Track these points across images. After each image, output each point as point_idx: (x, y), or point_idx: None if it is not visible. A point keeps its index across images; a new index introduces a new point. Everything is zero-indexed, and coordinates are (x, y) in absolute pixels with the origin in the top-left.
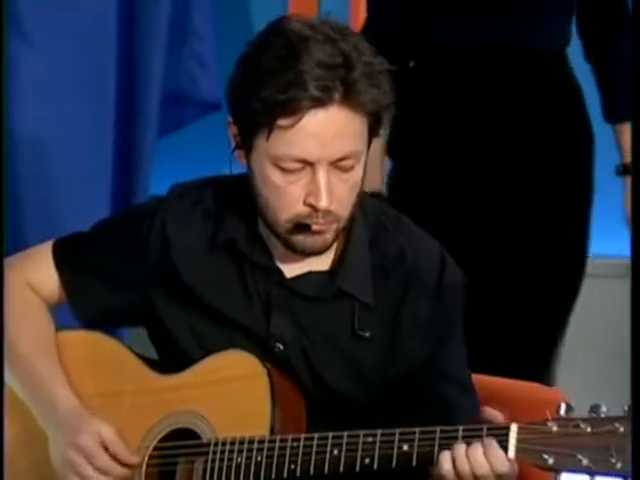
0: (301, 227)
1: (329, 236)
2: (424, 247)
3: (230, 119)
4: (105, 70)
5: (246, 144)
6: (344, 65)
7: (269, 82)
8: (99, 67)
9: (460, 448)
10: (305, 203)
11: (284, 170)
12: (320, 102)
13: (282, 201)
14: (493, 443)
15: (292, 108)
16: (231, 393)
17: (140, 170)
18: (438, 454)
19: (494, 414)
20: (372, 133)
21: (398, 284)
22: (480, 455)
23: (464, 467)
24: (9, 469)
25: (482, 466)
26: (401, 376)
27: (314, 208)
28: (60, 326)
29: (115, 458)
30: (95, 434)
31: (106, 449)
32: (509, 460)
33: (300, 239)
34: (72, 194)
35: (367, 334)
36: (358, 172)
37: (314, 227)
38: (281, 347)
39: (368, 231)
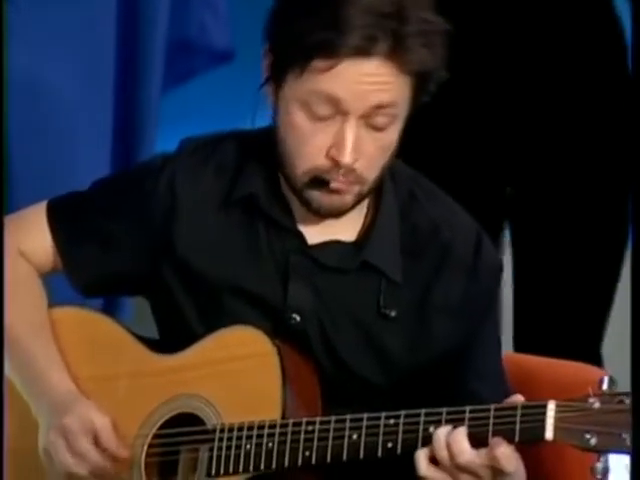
0: (319, 182)
1: (349, 198)
2: (459, 222)
3: (266, 46)
4: (104, 14)
5: (277, 78)
6: (397, 16)
7: (310, 17)
8: (97, 11)
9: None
10: (327, 155)
11: (311, 114)
12: (362, 51)
13: (303, 149)
14: (500, 440)
15: (329, 52)
16: (238, 374)
17: (143, 128)
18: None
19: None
20: (415, 98)
21: (430, 261)
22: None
23: (443, 454)
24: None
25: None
26: (427, 362)
27: (336, 162)
28: (52, 296)
29: (103, 451)
30: (84, 418)
31: (95, 439)
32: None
33: (316, 195)
34: (68, 152)
35: (393, 313)
36: (392, 134)
37: (332, 184)
38: (298, 319)
39: (399, 201)
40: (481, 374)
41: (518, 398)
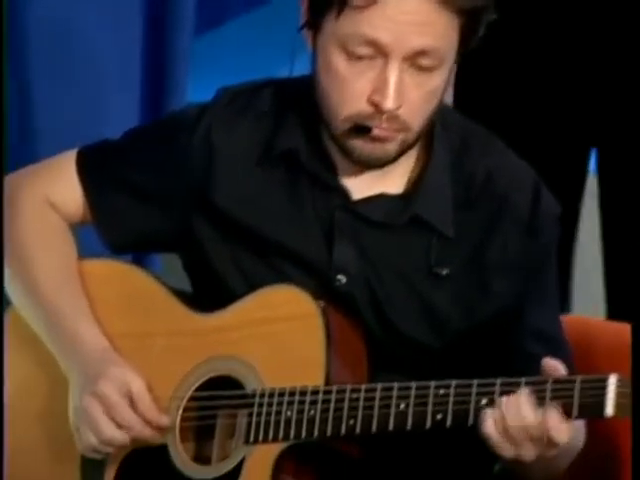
0: (360, 129)
1: (392, 147)
2: (516, 172)
3: None
4: None
5: (315, 22)
6: None
7: None
8: None
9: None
10: (369, 101)
11: (351, 55)
12: None
13: (343, 94)
14: (555, 410)
15: None
16: (279, 335)
17: (174, 75)
18: None
19: (553, 366)
20: (464, 41)
21: (484, 214)
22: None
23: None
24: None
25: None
26: (481, 323)
27: (378, 108)
28: (81, 250)
29: (142, 418)
30: (121, 383)
31: (132, 405)
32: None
33: (357, 144)
34: (96, 101)
35: (445, 272)
36: (438, 78)
37: (375, 131)
38: (343, 280)
39: (451, 150)
40: (539, 335)
41: (550, 364)
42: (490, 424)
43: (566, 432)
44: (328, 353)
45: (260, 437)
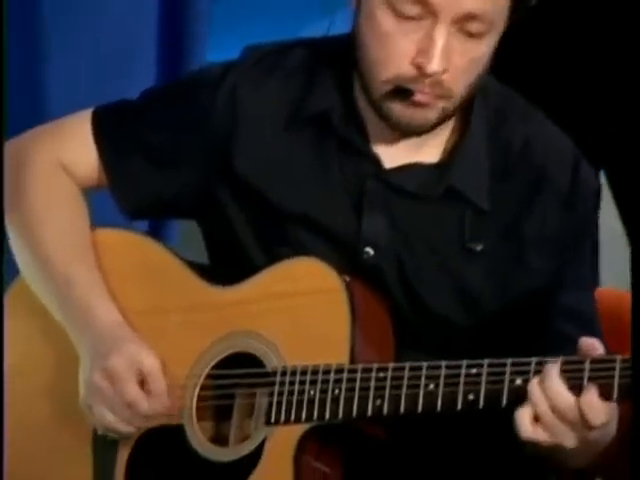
0: (401, 92)
1: (432, 114)
2: (555, 143)
3: None
4: None
5: None
6: None
7: None
8: None
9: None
10: (413, 62)
11: (399, 14)
12: None
13: (386, 54)
14: (592, 390)
15: None
16: (302, 310)
17: (192, 35)
18: None
19: (591, 345)
20: (514, 8)
21: (521, 186)
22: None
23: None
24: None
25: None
26: (515, 301)
27: (422, 71)
28: (94, 219)
29: (152, 397)
30: (133, 360)
31: (142, 383)
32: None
33: (397, 108)
34: (110, 62)
35: (479, 247)
36: (485, 47)
37: (417, 96)
38: (371, 252)
39: (488, 120)
40: (574, 314)
41: (587, 343)
42: (520, 415)
43: (605, 414)
44: (353, 329)
45: (282, 418)
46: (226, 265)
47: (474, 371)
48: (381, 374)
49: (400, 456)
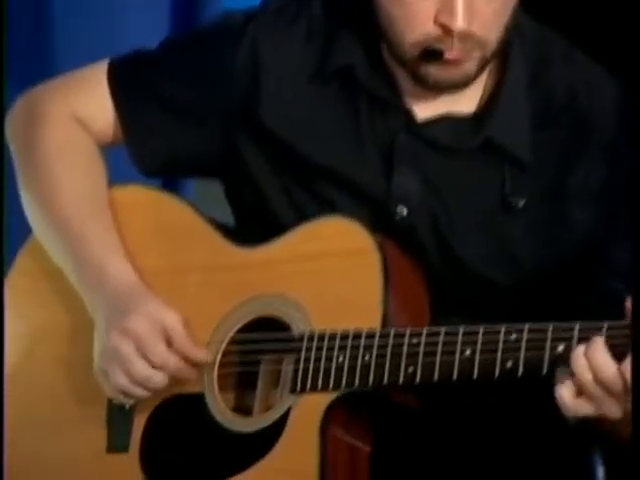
0: (431, 54)
1: (470, 67)
2: (601, 87)
3: None
4: None
5: None
6: None
7: None
8: None
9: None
10: (436, 22)
11: None
12: None
13: (408, 18)
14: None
15: None
16: (331, 272)
17: None
18: None
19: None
20: None
21: (565, 137)
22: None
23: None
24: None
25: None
26: (558, 259)
27: (446, 29)
28: (110, 178)
29: (179, 354)
30: (154, 317)
31: (168, 342)
32: None
33: (431, 70)
34: (120, 13)
35: (521, 203)
36: None
37: (447, 55)
38: (404, 212)
39: (528, 65)
40: (620, 272)
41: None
42: (561, 386)
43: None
44: (385, 292)
45: (308, 385)
46: (252, 225)
47: (513, 337)
48: (414, 339)
49: (433, 427)
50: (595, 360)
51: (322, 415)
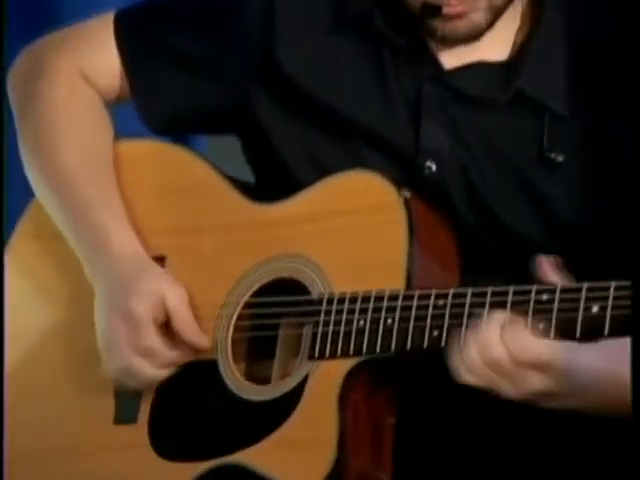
0: (429, 9)
1: (478, 18)
2: None
3: None
4: None
5: None
6: None
7: None
8: None
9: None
10: None
11: None
12: None
13: None
14: (513, 322)
15: None
16: (353, 231)
17: None
18: None
19: (545, 270)
20: None
21: (605, 86)
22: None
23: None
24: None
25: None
26: (599, 216)
27: None
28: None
29: (179, 336)
30: (155, 298)
31: (166, 320)
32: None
33: (436, 24)
34: None
35: (559, 158)
36: None
37: (446, 10)
38: (433, 167)
39: (564, 11)
40: None
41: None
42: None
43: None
44: (410, 251)
45: (327, 351)
46: (270, 182)
47: (545, 297)
48: (440, 301)
49: (460, 395)
50: (483, 339)
51: (341, 383)
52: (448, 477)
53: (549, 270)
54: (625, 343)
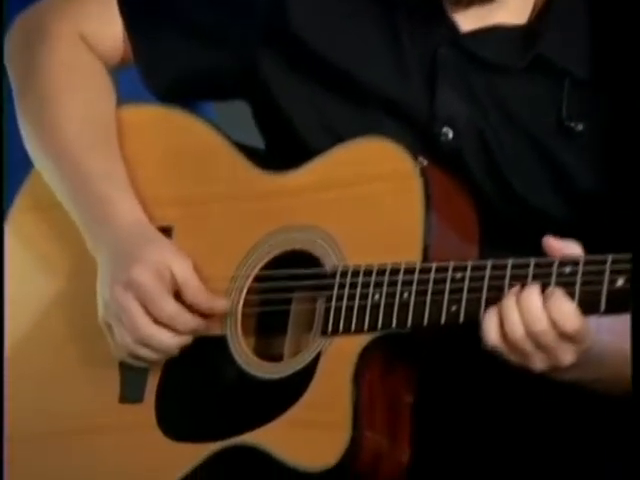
0: None
1: None
2: None
3: None
4: None
5: None
6: None
7: None
8: None
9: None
10: None
11: None
12: None
13: None
14: (557, 292)
15: None
16: (367, 200)
17: None
18: None
19: (554, 245)
20: None
21: (629, 49)
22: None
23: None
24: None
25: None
26: (620, 188)
27: None
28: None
29: (191, 308)
30: (160, 266)
31: (176, 292)
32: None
33: None
34: None
35: (580, 127)
36: None
37: None
38: (450, 135)
39: None
40: None
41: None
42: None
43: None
44: (427, 222)
45: (341, 326)
46: (281, 149)
47: (568, 270)
48: (458, 274)
49: (482, 371)
50: (526, 310)
51: (356, 360)
52: (469, 458)
53: (561, 246)
54: None
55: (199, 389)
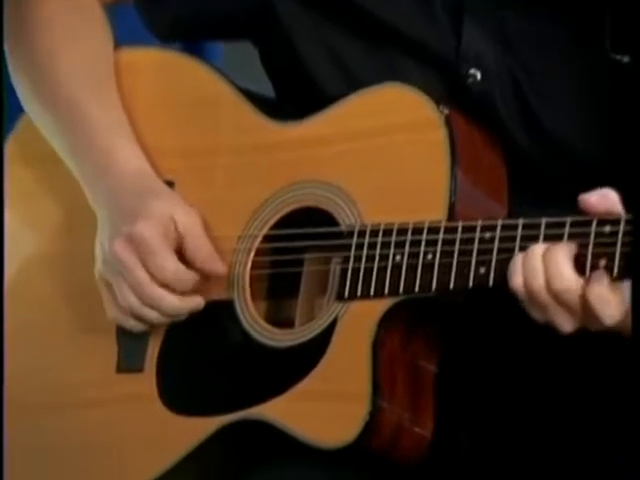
0: None
1: None
2: None
3: None
4: None
5: None
6: None
7: None
8: None
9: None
10: None
11: None
12: None
13: None
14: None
15: None
16: (387, 152)
17: None
18: None
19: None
20: None
21: None
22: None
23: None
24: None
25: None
26: None
27: None
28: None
29: (193, 264)
30: (164, 220)
31: (179, 247)
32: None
33: None
34: None
35: (627, 58)
36: None
37: None
38: (478, 76)
39: None
40: None
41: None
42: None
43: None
44: (453, 177)
45: (359, 290)
46: (293, 97)
47: (608, 229)
48: (487, 234)
49: (511, 340)
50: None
51: (376, 327)
52: (496, 433)
53: (600, 202)
54: None
55: (204, 358)
